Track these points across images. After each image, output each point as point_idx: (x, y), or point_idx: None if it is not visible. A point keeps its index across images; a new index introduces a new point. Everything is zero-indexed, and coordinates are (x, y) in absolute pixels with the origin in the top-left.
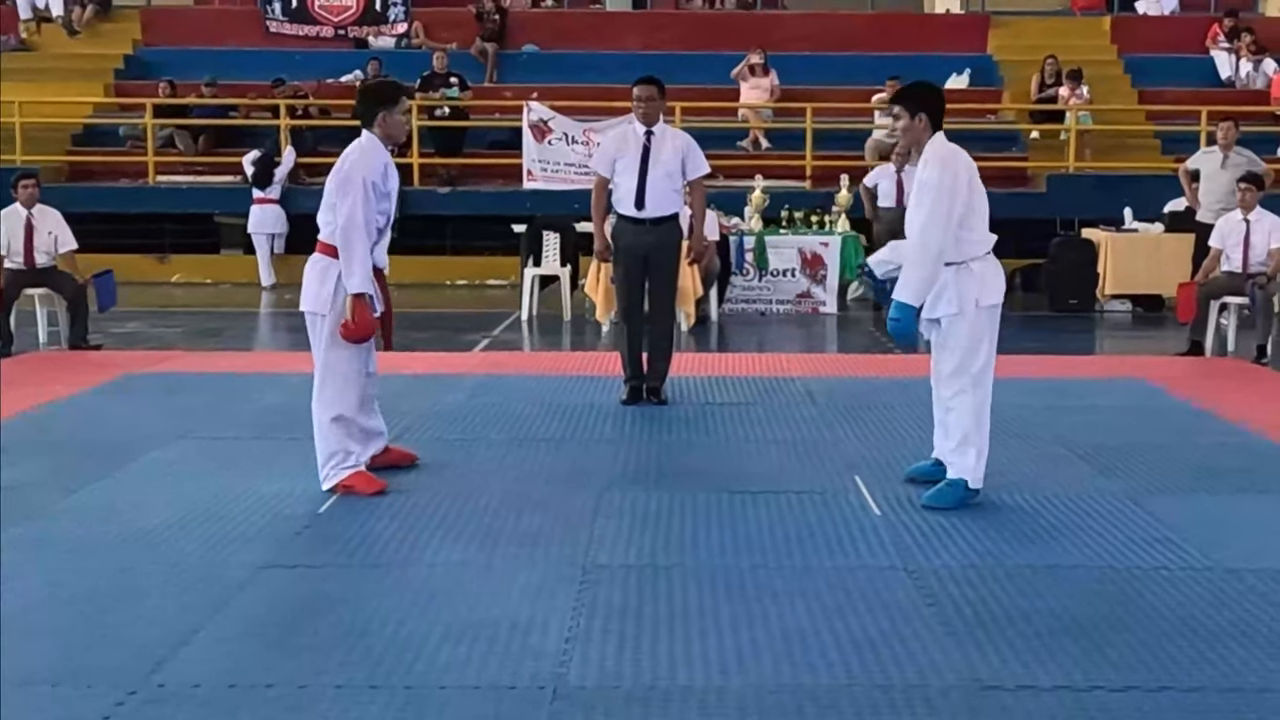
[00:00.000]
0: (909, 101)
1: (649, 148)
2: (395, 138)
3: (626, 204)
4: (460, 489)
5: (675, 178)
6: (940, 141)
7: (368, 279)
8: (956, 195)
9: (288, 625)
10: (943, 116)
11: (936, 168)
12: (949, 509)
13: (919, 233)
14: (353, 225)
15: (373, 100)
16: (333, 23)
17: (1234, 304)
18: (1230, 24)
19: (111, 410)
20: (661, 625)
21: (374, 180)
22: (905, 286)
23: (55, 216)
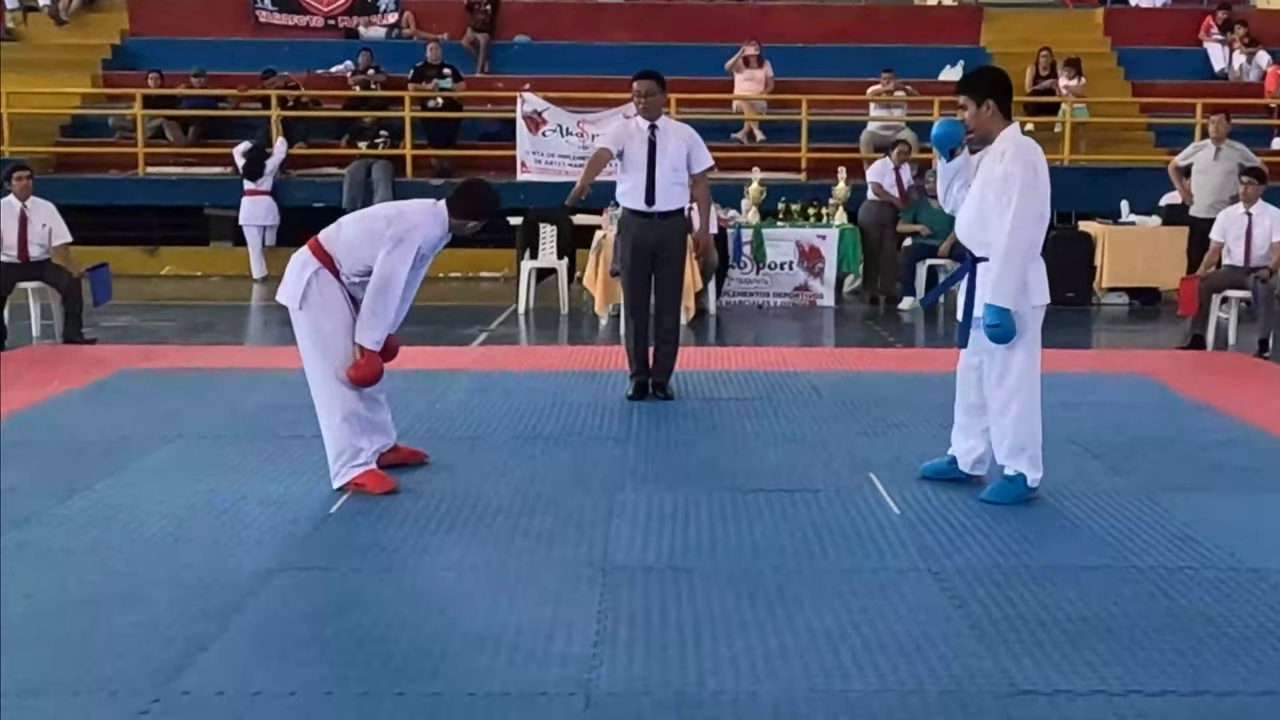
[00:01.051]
0: (973, 89)
1: (655, 143)
2: (459, 233)
3: (635, 199)
4: (469, 489)
5: (681, 172)
6: (1016, 133)
7: (381, 340)
8: (1040, 193)
9: (305, 631)
10: (1011, 102)
11: (1020, 163)
12: (1008, 504)
13: (1010, 233)
14: (390, 286)
15: (478, 207)
16: (322, 13)
17: (1235, 298)
18: (1224, 16)
19: (107, 409)
20: (687, 629)
21: (424, 249)
22: (1000, 289)
23: (49, 209)
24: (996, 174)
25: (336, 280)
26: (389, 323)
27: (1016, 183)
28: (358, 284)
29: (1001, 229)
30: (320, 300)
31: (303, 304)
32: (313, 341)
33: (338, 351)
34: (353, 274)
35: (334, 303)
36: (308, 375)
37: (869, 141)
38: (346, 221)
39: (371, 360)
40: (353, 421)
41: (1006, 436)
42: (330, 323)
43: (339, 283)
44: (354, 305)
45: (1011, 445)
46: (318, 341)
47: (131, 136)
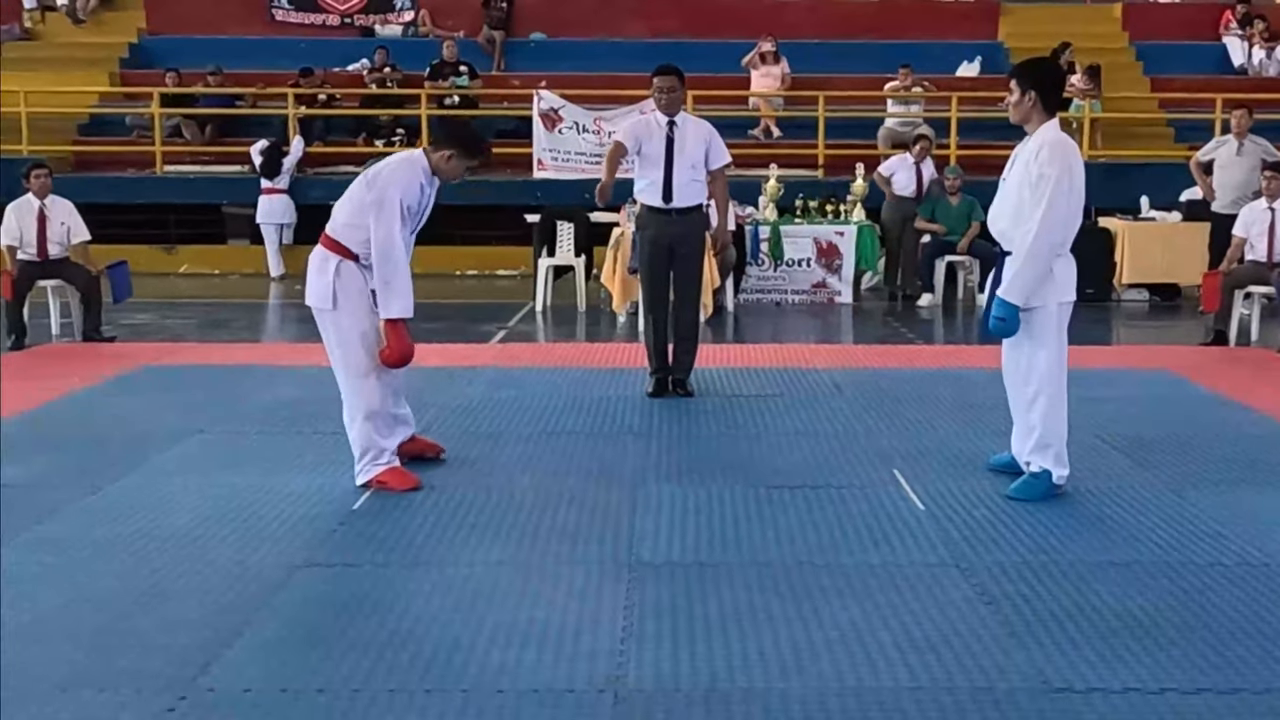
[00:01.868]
0: (1022, 77)
1: (673, 139)
2: (445, 177)
3: (653, 196)
4: (493, 485)
5: (700, 168)
6: (1055, 129)
7: (406, 305)
8: (1074, 194)
9: (331, 627)
10: (1057, 99)
11: (1053, 163)
12: (1033, 500)
13: (1036, 232)
14: (390, 249)
15: (453, 138)
16: (339, 11)
17: (1258, 293)
18: (1243, 10)
19: (129, 404)
20: (714, 625)
21: (409, 204)
22: (1014, 285)
23: (67, 207)
24: (1032, 173)
25: (357, 266)
26: (406, 289)
27: (1050, 184)
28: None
29: (1030, 227)
30: (351, 294)
31: (335, 304)
32: (340, 340)
33: (372, 345)
34: (364, 255)
35: (364, 293)
36: (336, 373)
37: (887, 138)
38: (337, 206)
39: (400, 335)
40: (376, 419)
41: (1033, 432)
42: (362, 316)
43: (360, 269)
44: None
45: (1038, 441)
46: (348, 339)
47: (149, 135)
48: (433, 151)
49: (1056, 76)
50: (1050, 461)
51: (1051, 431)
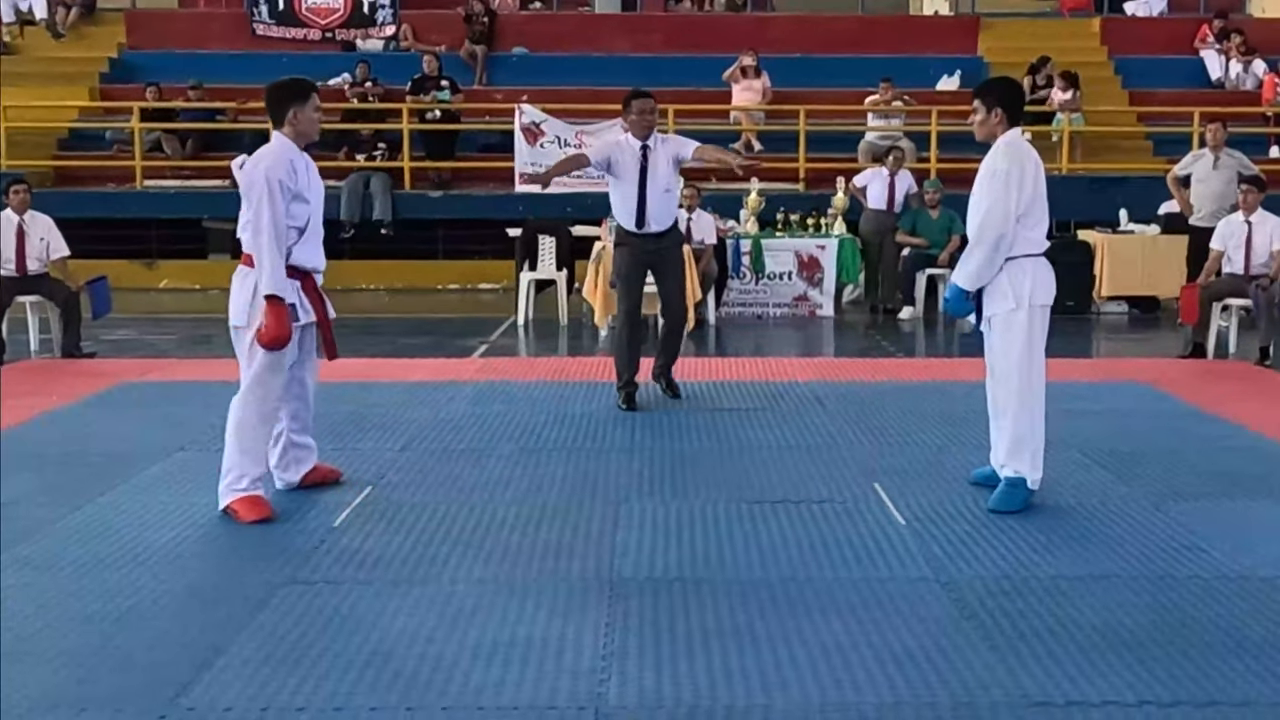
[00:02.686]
0: (987, 96)
1: (645, 165)
2: (308, 135)
3: (626, 219)
4: (475, 501)
5: (674, 189)
6: (1015, 135)
7: (281, 282)
8: (1023, 187)
9: (312, 645)
10: (1020, 113)
11: (1005, 158)
12: (1016, 511)
13: (982, 217)
14: (264, 226)
15: (282, 97)
16: (320, 25)
17: (1235, 306)
18: (1220, 25)
19: (109, 422)
20: (696, 641)
21: (280, 179)
22: (962, 270)
23: (47, 223)
24: (986, 169)
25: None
26: (277, 265)
27: (1001, 176)
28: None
29: (976, 216)
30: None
31: (251, 320)
32: (252, 354)
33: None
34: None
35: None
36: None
37: (867, 151)
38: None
39: (278, 314)
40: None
41: (1006, 434)
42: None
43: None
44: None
45: (1011, 442)
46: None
47: (129, 149)
48: (280, 127)
49: (1019, 93)
50: (1025, 465)
51: (1027, 431)
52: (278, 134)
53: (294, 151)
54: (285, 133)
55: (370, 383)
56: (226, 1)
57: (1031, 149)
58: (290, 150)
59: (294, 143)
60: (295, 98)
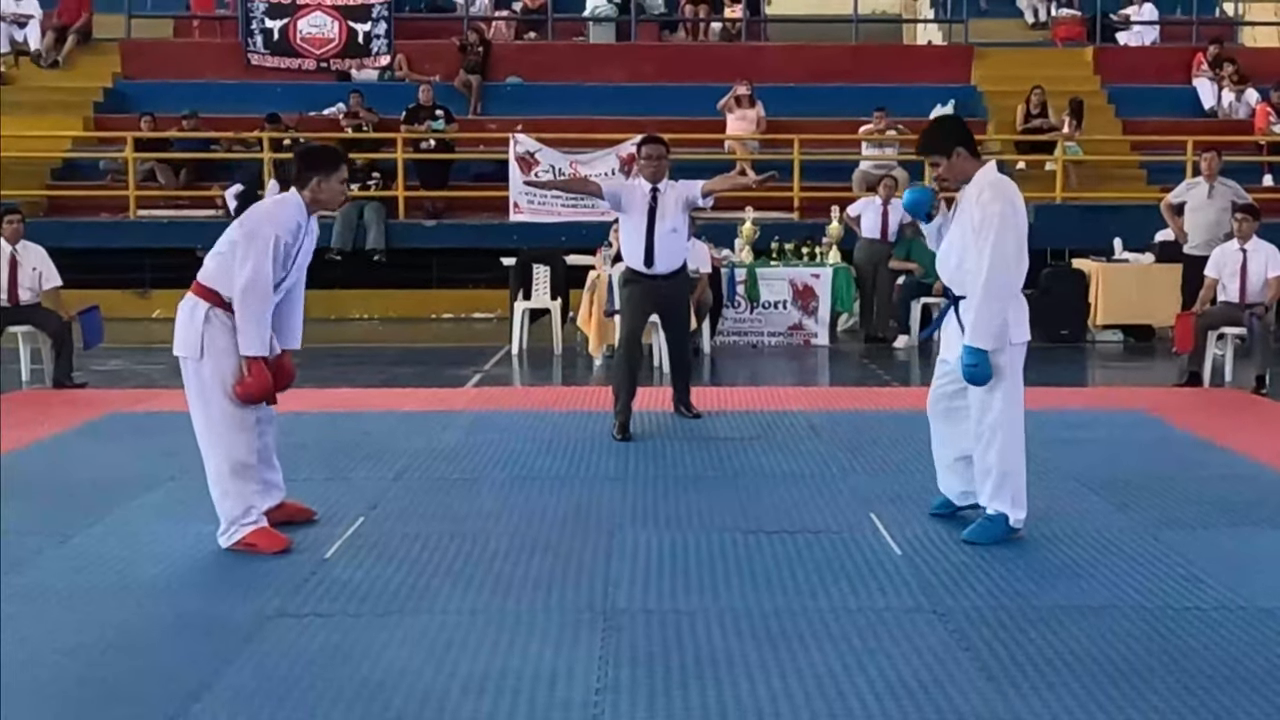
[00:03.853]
0: (935, 145)
1: (654, 208)
2: (325, 205)
3: (635, 260)
4: (467, 531)
5: (682, 231)
6: (993, 172)
7: (264, 342)
8: (1020, 229)
9: (302, 678)
10: (975, 143)
11: (996, 201)
12: (989, 544)
13: (989, 271)
14: (255, 284)
15: (310, 164)
16: (315, 55)
17: (1230, 334)
18: (1214, 52)
19: (99, 452)
20: (690, 673)
21: (286, 241)
22: (978, 329)
23: (39, 252)
24: (976, 215)
25: (228, 314)
26: (264, 325)
27: (995, 222)
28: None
29: (980, 268)
30: (220, 343)
31: (203, 352)
32: (202, 390)
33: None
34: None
35: (231, 347)
36: (197, 426)
37: (861, 180)
38: (210, 254)
39: (259, 371)
40: (243, 475)
41: (990, 475)
42: (227, 372)
43: (230, 318)
44: None
45: (994, 483)
46: (209, 391)
47: (123, 179)
48: (301, 188)
49: (964, 127)
50: (1008, 504)
51: (1010, 472)
52: (294, 192)
53: (302, 214)
54: (303, 195)
55: (363, 412)
56: (221, 31)
57: (1015, 186)
58: (298, 211)
59: (308, 206)
60: (322, 167)
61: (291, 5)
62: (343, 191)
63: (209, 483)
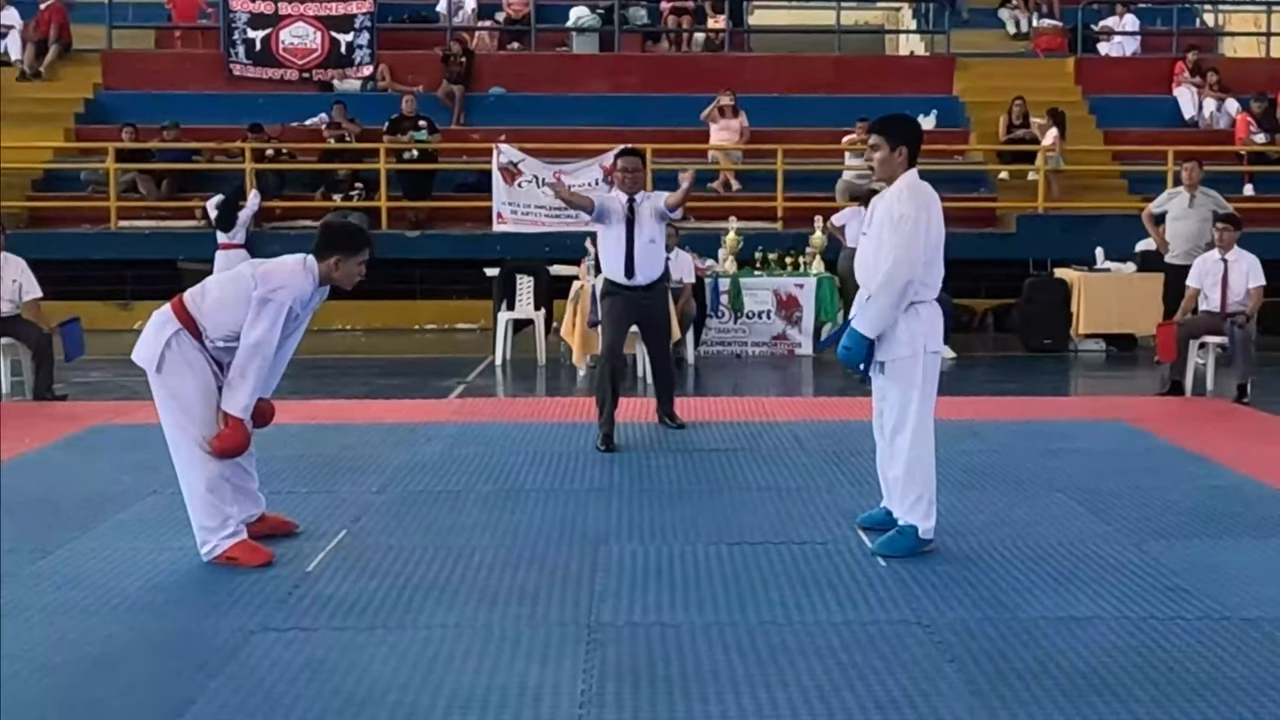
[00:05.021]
0: (891, 133)
1: (633, 219)
2: (338, 283)
3: (615, 272)
4: (452, 545)
5: (660, 242)
6: (914, 177)
7: (250, 407)
8: (929, 234)
9: (286, 693)
10: (918, 152)
11: (913, 203)
12: (901, 557)
13: (891, 266)
14: (261, 347)
15: (334, 242)
16: (297, 66)
17: (1212, 343)
18: (1194, 58)
19: (80, 465)
20: (675, 687)
21: (295, 308)
22: (864, 316)
23: (19, 264)
24: (893, 213)
25: (198, 343)
26: (259, 390)
27: (908, 225)
28: (223, 348)
29: (882, 262)
30: (180, 363)
31: (160, 367)
32: (171, 406)
33: (199, 416)
34: (218, 338)
35: (195, 365)
36: (168, 439)
37: (844, 190)
38: (212, 283)
39: (237, 429)
40: (219, 489)
41: (899, 485)
42: (190, 386)
43: (200, 345)
44: (220, 369)
45: (903, 494)
46: (176, 406)
47: (104, 190)
48: (319, 261)
49: (920, 133)
50: (919, 515)
51: (921, 483)
52: (312, 260)
53: (314, 282)
54: (319, 268)
55: (346, 425)
56: (203, 42)
57: (934, 192)
58: (313, 280)
59: (320, 278)
60: (345, 249)
61: (274, 16)
62: (359, 274)
63: (184, 495)
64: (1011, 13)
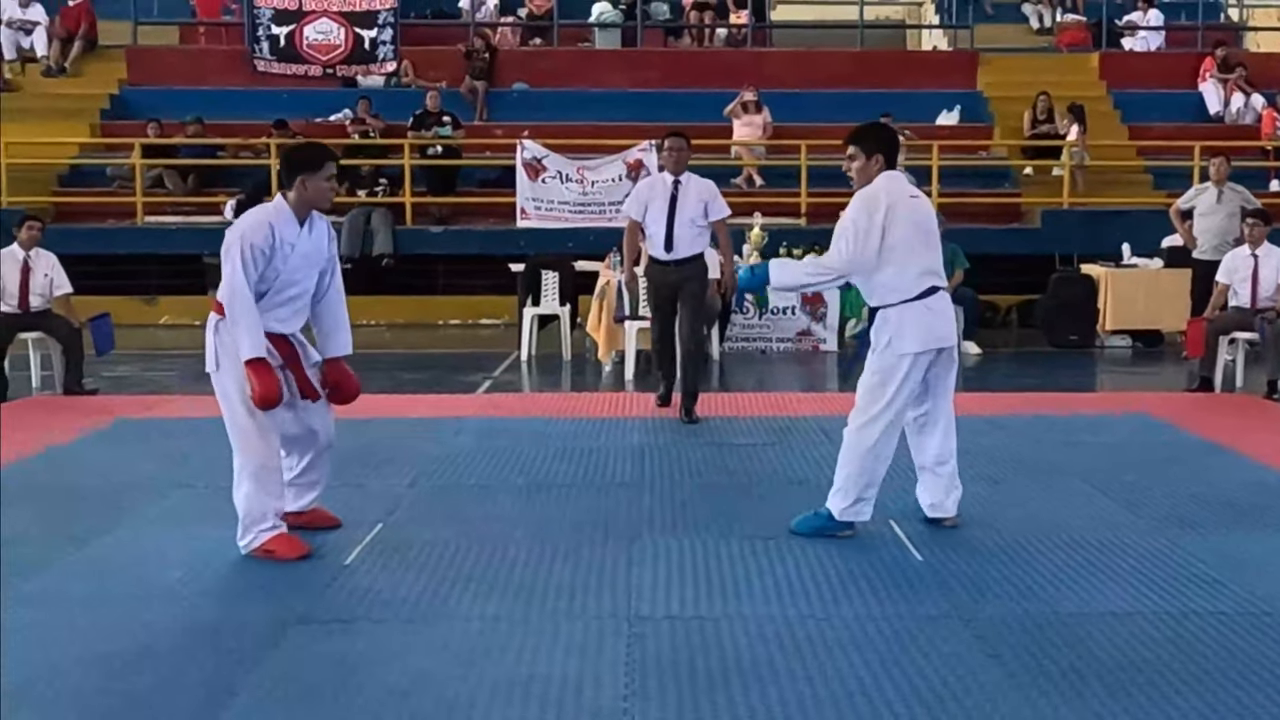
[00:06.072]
0: (865, 142)
1: (676, 196)
2: (315, 204)
3: (657, 248)
4: (486, 537)
5: (700, 221)
6: (874, 184)
7: (256, 345)
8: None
9: (327, 685)
10: (895, 159)
11: (856, 208)
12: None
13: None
14: (232, 293)
15: (295, 163)
16: (321, 62)
17: (1241, 339)
18: (1223, 54)
19: (111, 457)
20: (717, 680)
21: (258, 245)
22: (783, 268)
23: (51, 259)
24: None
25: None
26: (251, 330)
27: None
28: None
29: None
30: (229, 354)
31: (217, 363)
32: (223, 398)
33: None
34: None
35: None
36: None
37: None
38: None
39: (261, 374)
40: (263, 480)
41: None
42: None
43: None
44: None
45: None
46: (228, 398)
47: (130, 186)
48: (288, 192)
49: (896, 140)
50: (836, 500)
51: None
52: (279, 197)
53: (285, 218)
54: (289, 198)
55: (374, 419)
56: (227, 38)
57: (895, 197)
58: (280, 216)
59: (294, 209)
60: (306, 166)
61: (298, 11)
62: (331, 189)
63: (233, 485)
64: (1035, 7)
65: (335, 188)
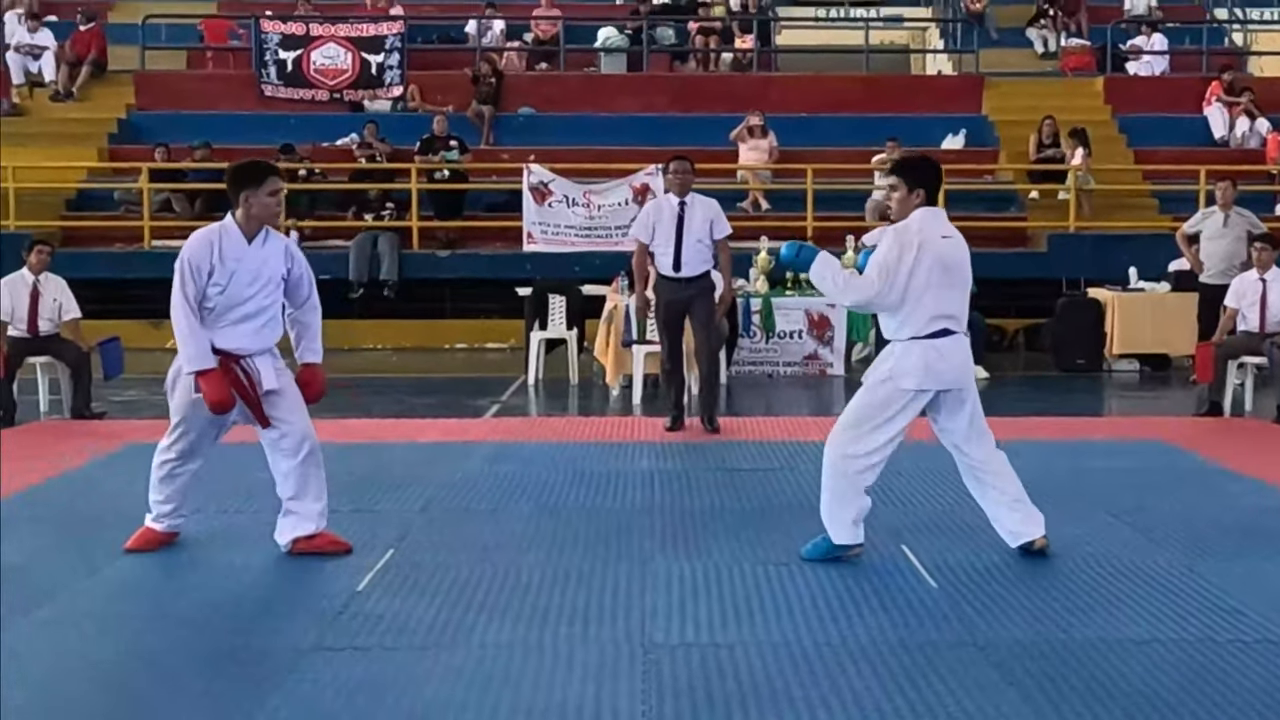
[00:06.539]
0: (909, 175)
1: (683, 217)
2: (261, 219)
3: (665, 266)
4: (498, 562)
5: (705, 240)
6: (919, 215)
7: (196, 357)
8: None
9: (344, 712)
10: (937, 194)
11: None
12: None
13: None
14: (174, 308)
15: (237, 179)
16: (328, 86)
17: (1250, 364)
18: (1229, 79)
19: (122, 482)
20: (734, 706)
21: (194, 262)
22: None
23: (60, 284)
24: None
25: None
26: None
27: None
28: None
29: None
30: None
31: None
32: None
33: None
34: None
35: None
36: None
37: (875, 210)
38: None
39: (210, 382)
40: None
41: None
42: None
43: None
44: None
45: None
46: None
47: (137, 210)
48: (235, 210)
49: (939, 175)
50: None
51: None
52: (228, 215)
53: (231, 235)
54: (236, 215)
55: (384, 443)
56: (235, 63)
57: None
58: (226, 233)
59: (242, 225)
60: (249, 182)
61: (305, 36)
62: (276, 203)
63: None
64: (1039, 32)
65: (280, 202)
